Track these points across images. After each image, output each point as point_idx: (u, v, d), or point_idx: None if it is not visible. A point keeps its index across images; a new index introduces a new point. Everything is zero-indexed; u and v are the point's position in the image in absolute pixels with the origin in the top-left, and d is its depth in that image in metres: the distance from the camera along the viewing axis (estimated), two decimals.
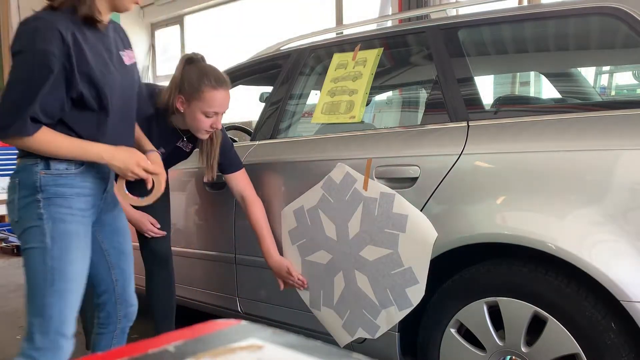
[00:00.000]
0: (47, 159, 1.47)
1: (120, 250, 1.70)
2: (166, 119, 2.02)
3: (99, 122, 1.51)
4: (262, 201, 2.18)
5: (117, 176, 1.64)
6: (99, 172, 1.56)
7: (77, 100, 1.44)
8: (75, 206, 1.50)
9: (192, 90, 1.91)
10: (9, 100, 1.39)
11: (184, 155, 2.21)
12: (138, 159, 1.57)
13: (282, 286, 2.10)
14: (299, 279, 2.04)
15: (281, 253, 2.09)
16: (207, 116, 1.92)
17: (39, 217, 1.46)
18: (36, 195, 1.46)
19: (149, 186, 1.63)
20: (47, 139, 1.43)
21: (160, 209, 2.25)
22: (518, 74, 2.88)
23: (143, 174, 1.58)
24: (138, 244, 2.30)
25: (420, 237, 1.66)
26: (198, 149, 2.14)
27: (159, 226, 2.20)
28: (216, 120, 1.95)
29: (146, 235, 2.21)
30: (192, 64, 1.95)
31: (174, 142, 2.11)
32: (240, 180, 2.15)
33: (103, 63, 1.48)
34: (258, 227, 2.11)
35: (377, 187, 1.77)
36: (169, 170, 2.36)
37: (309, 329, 2.08)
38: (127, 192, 1.67)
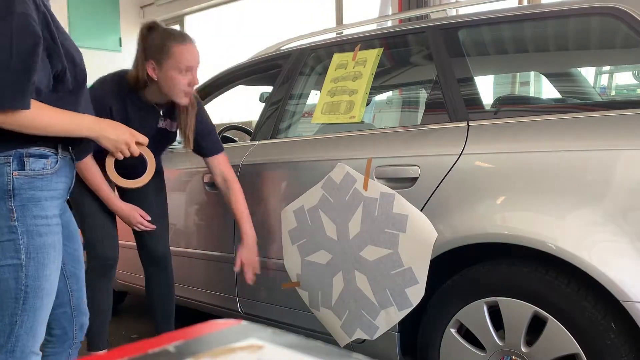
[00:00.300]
0: (20, 157, 1.28)
1: (76, 258, 1.54)
2: (140, 97, 1.99)
3: (76, 102, 1.36)
4: (262, 201, 2.19)
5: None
6: (70, 170, 1.41)
7: (56, 77, 1.29)
8: (50, 213, 1.33)
9: (160, 52, 1.88)
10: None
11: (171, 137, 2.17)
12: (130, 130, 1.45)
13: (237, 266, 2.11)
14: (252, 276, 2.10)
15: (281, 253, 2.09)
16: (181, 73, 1.90)
17: (11, 231, 1.27)
18: (7, 202, 1.26)
19: (145, 155, 1.55)
20: (42, 112, 1.25)
21: (157, 209, 2.23)
22: (518, 74, 2.88)
23: (135, 148, 1.46)
24: (135, 244, 2.29)
25: (421, 237, 1.66)
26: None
27: (149, 219, 2.16)
28: (192, 77, 1.92)
29: (136, 228, 2.17)
30: (152, 30, 1.93)
31: (154, 121, 2.05)
32: (221, 162, 2.17)
33: (68, 35, 1.35)
34: (238, 210, 2.13)
35: (377, 187, 1.77)
36: (169, 170, 2.36)
37: (309, 329, 2.08)
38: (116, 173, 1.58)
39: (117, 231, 2.18)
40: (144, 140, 1.52)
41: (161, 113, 2.07)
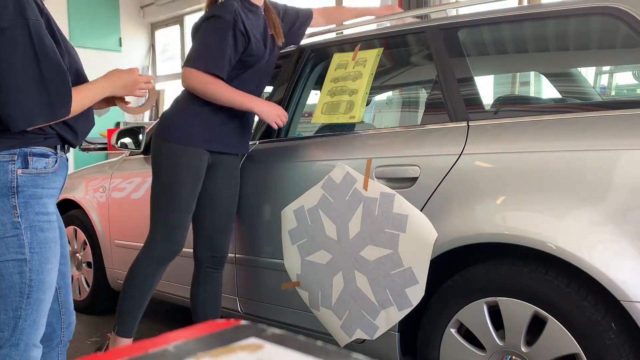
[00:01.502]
0: (25, 155, 1.33)
1: (63, 254, 1.53)
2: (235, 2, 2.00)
3: None
4: (262, 201, 2.18)
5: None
6: (65, 170, 1.46)
7: None
8: (50, 210, 1.38)
9: None
10: (55, 81, 1.28)
11: (275, 55, 2.20)
12: (135, 77, 1.52)
13: None
14: None
15: (281, 253, 2.09)
16: None
17: (15, 227, 1.31)
18: (11, 199, 1.31)
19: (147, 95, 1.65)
20: (75, 101, 1.34)
21: (227, 205, 2.17)
22: (518, 74, 2.88)
23: (145, 84, 1.55)
24: (193, 242, 2.17)
25: (420, 237, 1.66)
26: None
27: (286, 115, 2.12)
28: None
29: (274, 125, 2.07)
30: None
31: (264, 25, 2.10)
32: (317, 16, 2.38)
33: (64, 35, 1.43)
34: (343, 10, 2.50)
35: (377, 187, 1.77)
36: None
37: (309, 329, 2.08)
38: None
39: None
40: (147, 78, 1.59)
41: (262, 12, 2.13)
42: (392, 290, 1.74)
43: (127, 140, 2.78)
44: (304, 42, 2.45)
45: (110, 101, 1.59)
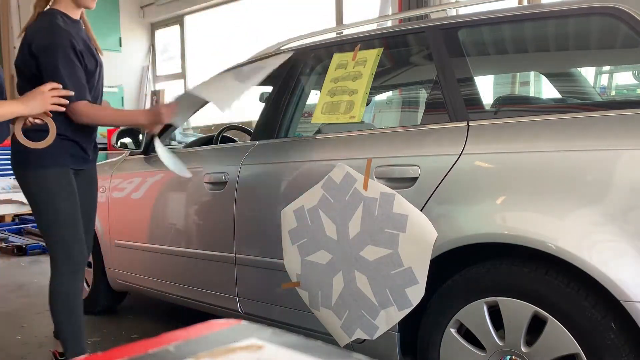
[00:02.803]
0: None
1: None
2: (66, 16, 2.02)
3: None
4: (262, 201, 2.18)
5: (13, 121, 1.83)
6: None
7: None
8: None
9: None
10: None
11: (101, 69, 2.21)
12: (41, 90, 1.74)
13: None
14: None
15: (281, 253, 2.09)
16: None
17: None
18: None
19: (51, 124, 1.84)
20: None
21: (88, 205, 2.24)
22: (518, 74, 2.89)
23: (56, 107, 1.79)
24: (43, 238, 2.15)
25: (421, 237, 1.66)
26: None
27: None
28: None
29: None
30: None
31: (88, 38, 2.12)
32: None
33: None
34: None
35: (377, 187, 1.77)
36: (170, 170, 2.34)
37: (309, 329, 2.08)
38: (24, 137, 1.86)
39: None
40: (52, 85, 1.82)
41: (82, 26, 2.14)
42: (392, 290, 1.74)
43: (127, 140, 2.79)
44: (304, 42, 2.46)
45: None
